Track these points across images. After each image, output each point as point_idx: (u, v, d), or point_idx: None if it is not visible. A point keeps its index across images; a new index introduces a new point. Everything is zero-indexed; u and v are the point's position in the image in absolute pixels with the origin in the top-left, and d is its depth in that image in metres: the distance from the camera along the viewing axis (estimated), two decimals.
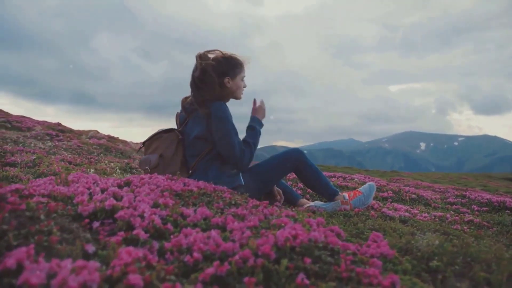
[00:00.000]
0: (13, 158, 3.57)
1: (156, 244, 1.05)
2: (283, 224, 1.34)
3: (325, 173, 6.76)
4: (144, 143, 2.38)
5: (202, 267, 0.95)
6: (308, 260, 1.01)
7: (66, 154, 5.28)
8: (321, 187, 2.54)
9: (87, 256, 0.93)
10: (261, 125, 2.43)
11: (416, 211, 2.71)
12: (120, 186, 1.63)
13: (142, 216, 1.21)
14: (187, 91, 2.38)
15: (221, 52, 2.34)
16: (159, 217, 1.25)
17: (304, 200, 2.64)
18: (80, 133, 9.69)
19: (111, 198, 1.29)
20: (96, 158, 5.48)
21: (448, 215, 2.63)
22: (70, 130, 9.71)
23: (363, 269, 1.00)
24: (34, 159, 3.79)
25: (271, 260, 0.99)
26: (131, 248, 0.88)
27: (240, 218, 1.39)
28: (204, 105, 2.21)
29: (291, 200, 2.67)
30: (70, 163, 4.45)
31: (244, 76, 2.44)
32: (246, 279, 0.87)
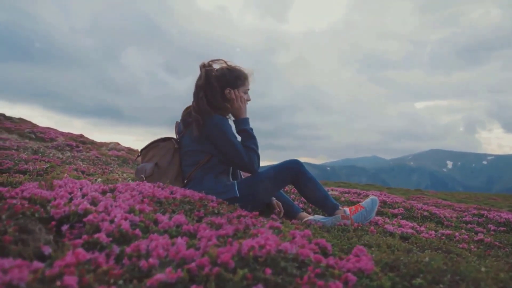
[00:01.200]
0: (26, 166, 3.67)
1: (116, 249, 1.03)
2: (259, 234, 1.29)
3: (340, 189, 6.62)
4: (141, 151, 2.39)
5: (155, 273, 0.92)
6: (268, 271, 0.96)
7: (81, 164, 5.40)
8: (320, 200, 2.47)
9: (41, 257, 0.92)
10: (248, 122, 2.37)
11: (423, 229, 2.58)
12: (104, 192, 1.64)
13: (112, 221, 1.20)
14: None
15: (225, 62, 2.35)
16: (131, 222, 1.24)
17: (304, 214, 2.57)
18: (101, 145, 9.94)
19: (84, 202, 1.28)
20: (111, 168, 5.58)
21: (457, 234, 2.49)
22: (92, 142, 9.98)
23: (325, 283, 0.95)
24: (47, 167, 3.89)
25: (229, 269, 0.95)
26: (80, 250, 0.86)
27: (217, 227, 1.36)
28: (202, 116, 2.19)
29: (291, 214, 2.61)
30: (83, 172, 4.54)
31: (248, 89, 2.42)
32: (193, 287, 0.83)
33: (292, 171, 2.38)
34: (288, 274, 1.01)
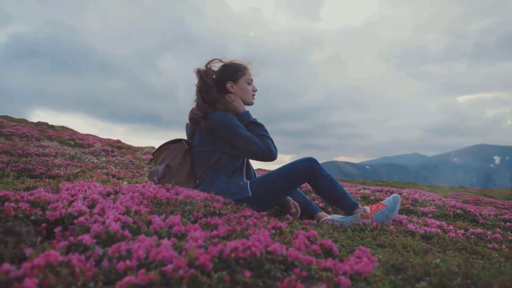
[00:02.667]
0: (57, 171, 3.84)
1: (99, 250, 1.02)
2: (253, 235, 1.25)
3: (372, 187, 6.39)
4: (153, 154, 2.42)
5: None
6: (247, 274, 0.91)
7: (113, 168, 5.59)
8: (337, 199, 2.37)
9: (23, 259, 0.93)
10: (249, 115, 2.35)
11: (451, 228, 2.41)
12: (108, 194, 1.66)
13: (104, 223, 1.20)
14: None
15: (220, 60, 2.35)
16: (123, 224, 1.23)
17: (322, 214, 2.49)
18: (136, 149, 10.27)
19: (79, 204, 1.30)
20: (142, 172, 5.74)
21: (489, 233, 2.30)
22: (128, 147, 10.32)
23: (308, 286, 0.88)
24: (77, 172, 4.05)
25: (206, 272, 0.92)
26: (51, 252, 0.86)
27: (211, 228, 1.33)
28: (206, 116, 2.19)
29: (309, 213, 2.54)
30: (113, 176, 4.70)
31: (251, 79, 2.39)
32: None
33: (307, 169, 2.30)
34: (271, 277, 0.96)
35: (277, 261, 1.05)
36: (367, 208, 2.38)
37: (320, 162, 2.33)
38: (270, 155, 2.23)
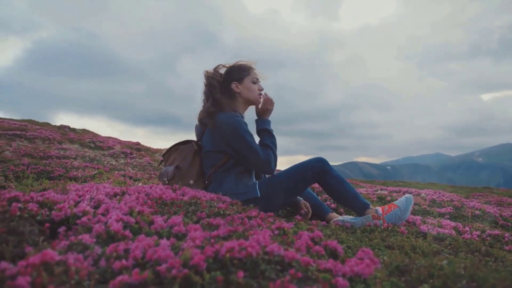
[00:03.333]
0: (75, 173, 3.94)
1: (98, 250, 1.04)
2: (254, 235, 1.24)
3: (390, 188, 6.27)
4: (163, 155, 2.45)
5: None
6: (241, 274, 0.91)
7: (131, 170, 5.69)
8: (348, 200, 2.34)
9: (23, 258, 0.96)
10: (270, 124, 2.37)
11: (467, 229, 2.34)
12: (116, 195, 1.69)
13: (106, 223, 1.22)
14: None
15: (223, 65, 2.38)
16: (125, 224, 1.25)
17: (333, 214, 2.46)
18: (155, 151, 10.42)
19: (83, 205, 1.33)
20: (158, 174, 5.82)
21: (506, 234, 2.22)
22: (147, 149, 10.49)
23: (302, 287, 0.87)
24: (95, 174, 4.14)
25: (200, 272, 0.92)
26: (48, 251, 0.88)
27: (213, 228, 1.33)
28: (210, 115, 2.21)
29: (320, 214, 2.51)
30: (130, 178, 4.78)
31: (256, 78, 2.40)
32: None
33: (316, 170, 2.28)
34: (266, 277, 0.95)
35: (274, 261, 1.04)
36: (379, 208, 2.34)
37: (340, 162, 2.33)
38: (267, 168, 2.22)
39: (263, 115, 2.37)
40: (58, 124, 11.76)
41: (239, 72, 2.38)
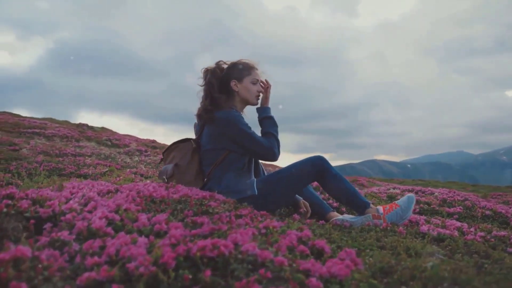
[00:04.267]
0: (86, 170, 4.03)
1: (76, 246, 1.06)
2: (234, 234, 1.24)
3: (403, 186, 6.16)
4: (163, 153, 2.47)
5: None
6: (208, 273, 0.91)
7: (143, 168, 5.78)
8: (347, 198, 2.31)
9: None
10: (270, 111, 2.41)
11: (472, 230, 2.27)
12: (109, 192, 1.72)
13: (90, 220, 1.25)
14: (284, 106, 2.47)
15: (224, 62, 2.38)
16: (110, 221, 1.27)
17: (333, 214, 2.43)
18: None
19: (71, 202, 1.36)
20: None
21: None
22: (162, 147, 10.64)
23: (268, 287, 0.87)
24: (105, 171, 4.23)
25: (168, 270, 0.92)
26: (20, 247, 0.90)
27: (196, 227, 1.34)
28: (207, 113, 2.22)
29: (320, 213, 2.48)
30: (141, 175, 4.86)
31: (256, 79, 2.39)
32: (113, 286, 0.82)
33: (315, 168, 2.26)
34: (234, 277, 0.95)
35: (247, 261, 1.03)
36: (380, 208, 2.30)
37: (359, 161, 2.31)
38: (271, 155, 2.24)
39: (263, 103, 2.39)
40: (79, 122, 12.06)
41: (240, 71, 2.38)
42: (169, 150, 2.42)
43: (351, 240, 1.76)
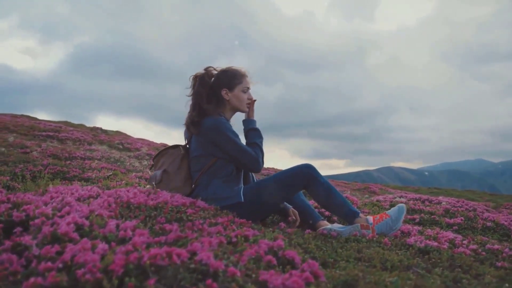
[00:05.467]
0: (90, 174, 4.11)
1: (36, 251, 1.09)
2: (200, 242, 1.25)
3: (411, 195, 6.04)
4: (153, 159, 2.51)
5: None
6: (152, 281, 0.92)
7: (149, 172, 5.86)
8: (336, 207, 2.29)
9: None
10: (255, 123, 2.43)
11: (465, 242, 2.21)
12: (90, 197, 1.75)
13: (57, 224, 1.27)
14: (300, 111, 2.49)
15: (214, 68, 2.38)
16: (79, 226, 1.30)
17: (323, 222, 2.40)
18: None
19: (43, 207, 1.39)
20: None
21: (506, 250, 2.07)
22: None
23: None
24: (109, 175, 4.30)
25: (117, 277, 0.94)
26: None
27: (165, 234, 1.35)
28: (194, 124, 2.23)
29: (311, 222, 2.46)
30: (146, 179, 4.92)
31: (247, 87, 2.39)
32: None
33: (303, 176, 2.25)
34: (180, 286, 0.95)
35: (200, 270, 1.04)
36: (370, 218, 2.27)
37: (375, 167, 2.30)
38: (256, 165, 2.26)
39: (249, 115, 2.41)
40: (97, 125, 12.32)
41: (231, 79, 2.38)
42: (159, 156, 2.45)
43: (330, 250, 1.74)
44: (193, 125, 2.24)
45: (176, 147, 2.41)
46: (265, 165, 2.61)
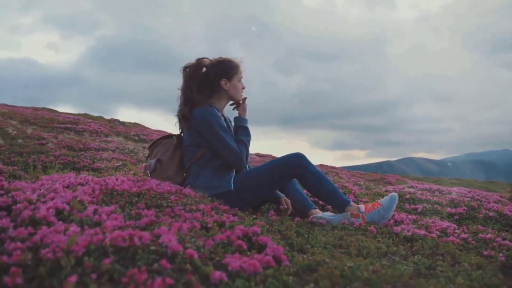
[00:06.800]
0: (99, 164, 4.25)
1: (13, 233, 1.16)
2: (170, 227, 1.30)
3: (422, 185, 5.93)
4: (149, 148, 2.57)
5: None
6: (106, 261, 0.97)
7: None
8: (326, 196, 2.30)
9: None
10: (247, 122, 2.45)
11: (457, 231, 2.18)
12: (80, 185, 1.83)
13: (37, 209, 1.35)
14: (320, 102, 2.52)
15: (211, 59, 2.40)
16: (59, 211, 1.37)
17: (314, 211, 2.42)
18: None
19: (28, 193, 1.47)
20: None
21: (499, 239, 2.03)
22: None
23: (150, 278, 0.92)
24: (118, 165, 4.43)
25: (77, 257, 1.00)
26: None
27: (139, 219, 1.41)
28: (187, 119, 2.26)
29: (303, 210, 2.48)
30: None
31: (241, 77, 2.43)
32: (12, 269, 0.90)
33: (293, 165, 2.27)
34: (136, 266, 1.00)
35: (160, 252, 1.09)
36: (362, 206, 2.27)
37: (396, 158, 2.31)
38: (238, 161, 2.27)
39: (241, 114, 2.45)
40: (116, 117, 12.64)
41: (229, 70, 2.42)
42: (154, 145, 2.52)
43: (311, 237, 1.76)
44: (184, 120, 2.28)
45: (170, 137, 2.47)
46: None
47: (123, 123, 11.50)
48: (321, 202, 2.71)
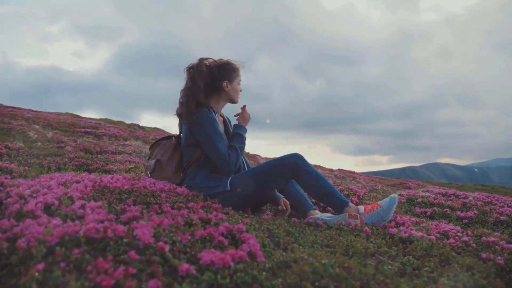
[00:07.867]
0: (111, 166, 4.36)
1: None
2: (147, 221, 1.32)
3: (438, 189, 5.76)
4: (150, 149, 2.62)
5: None
6: (76, 251, 1.00)
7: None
8: (324, 197, 2.28)
9: None
10: (246, 131, 2.42)
11: (459, 234, 2.11)
12: (77, 182, 1.89)
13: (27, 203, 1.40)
14: (343, 106, 2.54)
15: (214, 60, 2.41)
16: (48, 206, 1.42)
17: (313, 212, 2.39)
18: None
19: (21, 188, 1.53)
20: None
21: (502, 242, 1.96)
22: None
23: (117, 267, 0.94)
24: (131, 168, 4.53)
25: (48, 246, 1.03)
26: None
27: (121, 213, 1.44)
28: (189, 114, 2.28)
29: (302, 211, 2.47)
30: None
31: (241, 80, 2.46)
32: None
33: (290, 166, 2.26)
34: (105, 256, 1.02)
35: (133, 244, 1.11)
36: (361, 207, 2.24)
37: (420, 164, 2.28)
38: (225, 166, 2.23)
39: (241, 121, 2.45)
40: (139, 123, 12.91)
41: (231, 72, 2.43)
42: (154, 146, 2.57)
43: (300, 237, 1.75)
44: (189, 115, 2.27)
45: (169, 138, 2.51)
46: None
47: (142, 128, 11.75)
48: (321, 204, 2.68)
